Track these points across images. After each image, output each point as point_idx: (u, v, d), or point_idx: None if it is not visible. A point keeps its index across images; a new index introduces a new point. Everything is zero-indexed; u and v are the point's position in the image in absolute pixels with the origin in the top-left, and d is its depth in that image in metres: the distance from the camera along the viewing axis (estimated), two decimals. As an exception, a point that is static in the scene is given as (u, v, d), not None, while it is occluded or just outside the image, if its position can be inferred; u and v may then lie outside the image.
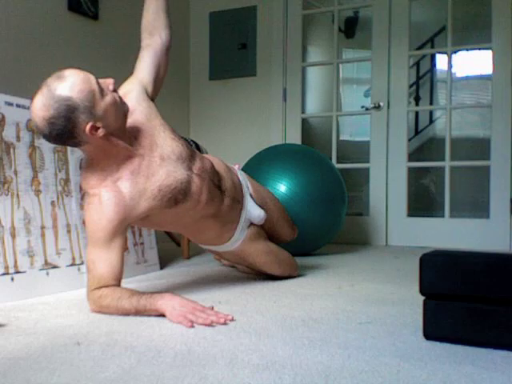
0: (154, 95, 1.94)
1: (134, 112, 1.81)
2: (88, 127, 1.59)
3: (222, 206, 1.98)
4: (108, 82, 1.66)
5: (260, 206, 2.17)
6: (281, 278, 2.27)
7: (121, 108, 1.68)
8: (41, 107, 1.57)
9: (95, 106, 1.60)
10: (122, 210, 1.70)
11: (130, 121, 1.78)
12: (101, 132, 1.63)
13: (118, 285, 1.70)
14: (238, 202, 2.07)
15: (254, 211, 2.13)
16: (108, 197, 1.69)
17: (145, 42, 1.97)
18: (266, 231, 2.24)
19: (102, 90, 1.62)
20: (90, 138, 1.63)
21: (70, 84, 1.57)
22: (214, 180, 1.95)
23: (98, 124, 1.61)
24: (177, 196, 1.78)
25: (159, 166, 1.77)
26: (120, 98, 1.69)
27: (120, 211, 1.69)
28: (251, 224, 2.13)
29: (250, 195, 2.18)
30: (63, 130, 1.58)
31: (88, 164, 1.76)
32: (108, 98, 1.63)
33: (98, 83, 1.62)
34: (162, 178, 1.76)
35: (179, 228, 2.04)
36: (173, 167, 1.79)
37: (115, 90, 1.68)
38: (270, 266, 2.21)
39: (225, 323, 1.53)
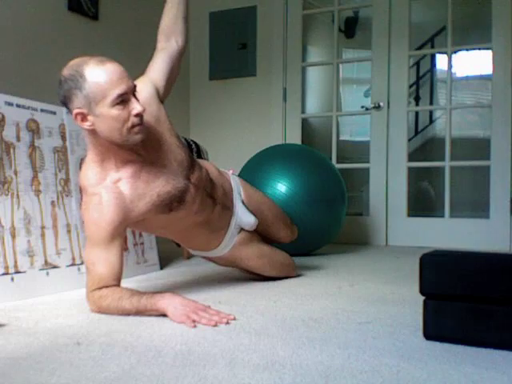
0: (163, 98, 1.93)
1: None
2: (75, 111, 1.61)
3: (213, 214, 1.97)
4: (136, 109, 1.62)
5: (252, 212, 2.15)
6: (279, 278, 2.27)
7: (128, 131, 1.63)
8: (68, 66, 1.62)
9: (96, 104, 1.59)
10: (122, 211, 1.69)
11: None
12: (87, 124, 1.63)
13: (118, 285, 1.69)
14: (227, 208, 2.06)
15: (244, 218, 2.11)
16: (108, 197, 1.68)
17: (160, 44, 1.97)
18: (261, 233, 2.22)
19: (119, 102, 1.59)
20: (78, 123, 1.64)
21: (97, 72, 1.58)
22: (207, 189, 1.95)
23: (89, 117, 1.61)
24: (173, 203, 1.78)
25: (160, 172, 1.77)
26: (138, 125, 1.64)
27: (120, 213, 1.68)
28: (242, 230, 2.11)
29: (242, 201, 2.16)
30: (63, 94, 1.62)
31: (88, 160, 1.75)
32: (114, 112, 1.60)
33: (123, 95, 1.58)
34: (162, 185, 1.76)
35: (168, 234, 2.00)
36: (173, 175, 1.80)
37: (136, 116, 1.63)
38: (263, 268, 2.20)
39: (227, 323, 1.53)
